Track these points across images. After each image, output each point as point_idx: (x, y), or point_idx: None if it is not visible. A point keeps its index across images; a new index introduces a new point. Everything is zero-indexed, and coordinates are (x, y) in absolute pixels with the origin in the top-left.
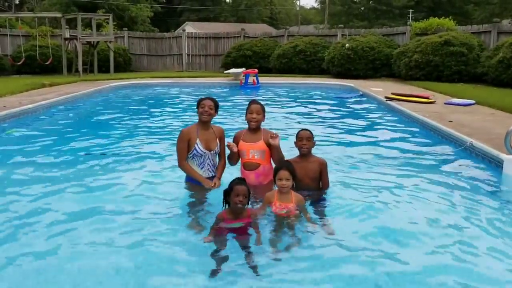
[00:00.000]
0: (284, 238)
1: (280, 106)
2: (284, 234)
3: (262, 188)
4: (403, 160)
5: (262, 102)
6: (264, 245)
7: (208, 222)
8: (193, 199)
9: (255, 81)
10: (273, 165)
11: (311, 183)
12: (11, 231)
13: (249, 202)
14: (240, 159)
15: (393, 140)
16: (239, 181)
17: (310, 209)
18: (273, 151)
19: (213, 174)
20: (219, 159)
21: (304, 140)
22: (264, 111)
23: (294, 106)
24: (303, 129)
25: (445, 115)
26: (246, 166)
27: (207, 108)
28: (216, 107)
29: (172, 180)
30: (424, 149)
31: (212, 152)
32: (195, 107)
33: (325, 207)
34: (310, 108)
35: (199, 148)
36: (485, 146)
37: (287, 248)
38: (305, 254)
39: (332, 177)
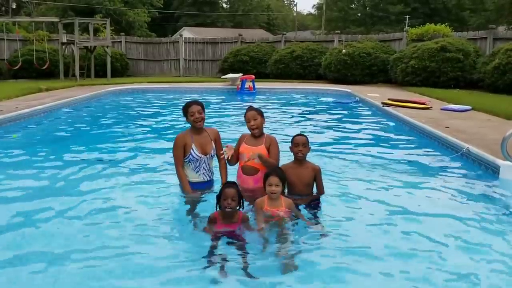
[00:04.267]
0: (276, 240)
1: (276, 111)
2: (276, 237)
3: (260, 191)
4: (399, 166)
5: (259, 107)
6: (256, 248)
7: (201, 225)
8: (188, 202)
9: (252, 86)
10: None
11: (304, 189)
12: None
13: (243, 206)
14: (239, 162)
15: (389, 146)
16: (229, 184)
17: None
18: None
19: (208, 178)
20: (218, 161)
21: (300, 146)
22: (261, 114)
23: (291, 112)
24: (299, 135)
25: (442, 121)
26: (245, 170)
27: (197, 114)
28: (203, 108)
29: (167, 183)
30: (421, 154)
31: (208, 156)
32: (183, 115)
33: (318, 211)
34: (306, 113)
35: (194, 153)
36: (481, 152)
37: (280, 250)
38: (298, 256)
39: (326, 182)
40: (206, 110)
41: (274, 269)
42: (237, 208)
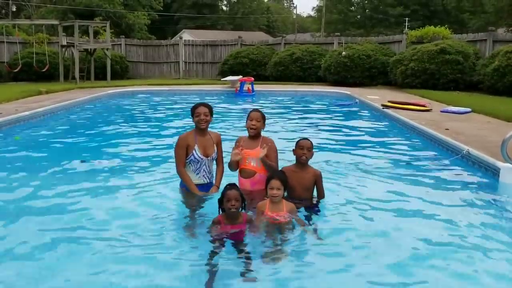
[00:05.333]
0: (277, 245)
1: (275, 113)
2: (277, 242)
3: (258, 193)
4: (399, 169)
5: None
6: (257, 251)
7: (202, 228)
8: (187, 205)
9: (250, 88)
10: None
11: (303, 193)
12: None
13: (245, 207)
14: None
15: (389, 148)
16: (230, 186)
17: (302, 218)
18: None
19: (208, 181)
20: (216, 164)
21: (305, 149)
22: (264, 119)
23: (290, 114)
24: (304, 138)
25: (442, 123)
26: (243, 173)
27: (203, 116)
28: (211, 112)
29: (166, 187)
30: (421, 157)
31: (209, 158)
32: (190, 115)
33: (317, 215)
34: (306, 115)
35: (196, 154)
36: (481, 154)
37: (281, 254)
38: (298, 261)
39: (326, 185)
40: None
41: (272, 271)
42: (240, 209)
